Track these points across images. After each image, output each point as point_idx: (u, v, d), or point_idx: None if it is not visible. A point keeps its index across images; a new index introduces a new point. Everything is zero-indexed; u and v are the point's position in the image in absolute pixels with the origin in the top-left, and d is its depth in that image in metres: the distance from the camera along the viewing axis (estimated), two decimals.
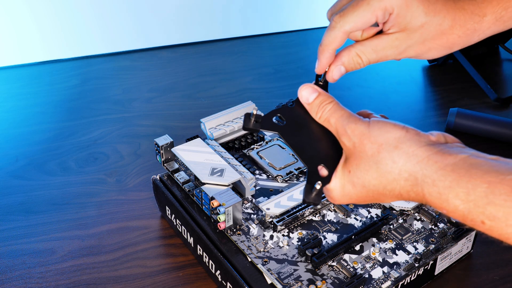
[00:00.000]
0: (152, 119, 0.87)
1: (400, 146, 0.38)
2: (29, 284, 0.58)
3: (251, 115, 0.43)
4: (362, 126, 0.40)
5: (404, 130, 0.38)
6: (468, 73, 0.98)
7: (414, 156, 0.37)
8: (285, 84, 0.98)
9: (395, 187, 0.38)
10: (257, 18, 1.17)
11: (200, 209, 0.59)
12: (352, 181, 0.40)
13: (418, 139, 0.38)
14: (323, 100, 0.42)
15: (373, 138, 0.39)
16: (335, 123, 0.41)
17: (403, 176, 0.37)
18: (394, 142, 0.38)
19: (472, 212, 0.34)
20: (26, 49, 1.02)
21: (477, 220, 0.34)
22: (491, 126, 0.82)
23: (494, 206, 0.33)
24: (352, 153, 0.40)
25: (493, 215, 0.33)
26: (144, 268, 0.60)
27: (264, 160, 0.65)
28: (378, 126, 0.39)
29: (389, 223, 0.58)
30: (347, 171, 0.40)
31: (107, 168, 0.76)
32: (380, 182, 0.39)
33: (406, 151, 0.37)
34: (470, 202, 0.34)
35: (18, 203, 0.69)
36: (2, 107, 0.89)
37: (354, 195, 0.41)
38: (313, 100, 0.43)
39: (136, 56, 1.06)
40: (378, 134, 0.39)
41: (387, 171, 0.38)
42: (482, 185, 0.33)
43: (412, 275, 0.53)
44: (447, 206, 0.35)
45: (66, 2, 1.01)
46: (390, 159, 0.38)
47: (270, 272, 0.52)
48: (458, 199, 0.34)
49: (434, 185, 0.36)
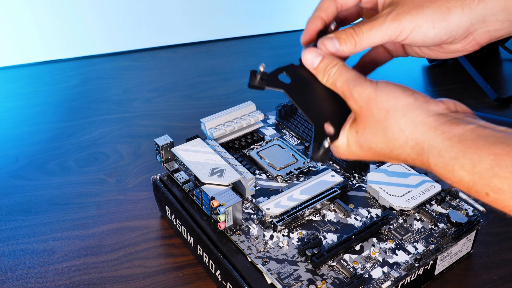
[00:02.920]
0: (152, 119, 0.87)
1: (408, 114, 0.37)
2: (29, 284, 0.58)
3: (257, 72, 0.43)
4: (369, 89, 0.39)
5: (413, 98, 0.38)
6: (468, 73, 0.98)
7: (422, 125, 0.37)
8: None
9: (401, 153, 0.38)
10: (257, 18, 1.17)
11: (200, 209, 0.59)
12: (359, 142, 0.40)
13: (427, 108, 0.37)
14: (327, 63, 0.42)
15: (380, 103, 0.38)
16: (341, 87, 0.41)
17: (410, 144, 0.37)
18: (402, 110, 0.38)
19: (477, 183, 0.34)
20: (26, 49, 1.02)
21: (481, 191, 0.34)
22: None
23: (500, 178, 0.33)
24: (359, 116, 0.40)
25: (498, 187, 0.33)
26: (144, 268, 0.60)
27: (264, 160, 0.65)
28: (386, 90, 0.39)
29: (389, 223, 0.58)
30: (355, 131, 0.40)
31: (107, 168, 0.76)
32: (386, 146, 0.39)
33: (413, 119, 0.37)
34: (476, 173, 0.34)
35: (18, 203, 0.69)
36: (2, 107, 0.89)
37: (361, 154, 0.41)
38: (318, 64, 0.42)
39: (136, 56, 1.06)
40: (385, 99, 0.38)
41: (394, 137, 0.38)
42: (488, 157, 0.33)
43: (412, 275, 0.53)
44: (452, 177, 0.35)
45: (66, 2, 1.01)
46: (397, 126, 0.38)
47: (270, 272, 0.52)
48: (464, 171, 0.34)
49: (440, 156, 0.36)
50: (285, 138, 0.70)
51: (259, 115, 0.68)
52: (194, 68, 1.03)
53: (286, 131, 0.72)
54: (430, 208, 0.60)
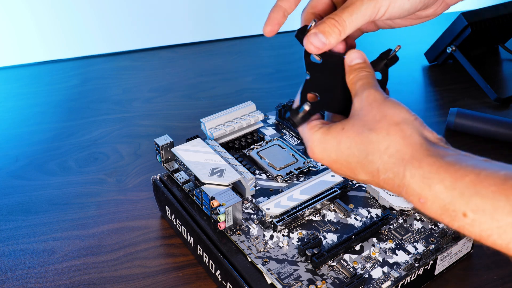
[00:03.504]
0: (152, 119, 0.87)
1: (401, 125, 0.37)
2: (29, 284, 0.58)
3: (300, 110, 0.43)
4: (379, 95, 0.40)
5: (414, 117, 0.38)
6: (468, 73, 0.98)
7: (409, 138, 0.36)
8: (285, 84, 0.98)
9: (376, 159, 0.37)
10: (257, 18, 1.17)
11: (200, 209, 0.59)
12: (340, 139, 0.40)
13: (422, 130, 0.37)
14: (363, 66, 0.42)
15: (382, 107, 0.39)
16: (359, 86, 0.41)
17: (390, 151, 0.37)
18: (398, 119, 0.38)
19: (454, 202, 0.32)
20: (26, 49, 1.02)
21: (458, 211, 0.32)
22: (491, 126, 0.82)
23: (481, 197, 0.31)
24: (355, 114, 0.40)
25: (478, 207, 0.31)
26: (144, 268, 0.60)
27: (264, 160, 0.65)
28: (394, 102, 0.39)
29: (389, 223, 0.58)
30: (341, 128, 0.40)
31: (107, 168, 0.76)
32: (365, 148, 0.38)
33: (404, 130, 0.37)
34: (455, 190, 0.32)
35: (18, 203, 0.69)
36: (2, 107, 0.89)
37: (335, 154, 0.40)
38: (355, 64, 0.43)
39: (136, 56, 1.06)
40: (389, 107, 0.39)
41: (377, 140, 0.37)
42: (471, 175, 0.32)
43: (412, 275, 0.53)
44: (427, 193, 0.34)
45: (66, 2, 1.01)
46: (386, 130, 0.37)
47: (270, 272, 0.52)
48: (442, 185, 0.33)
49: (420, 167, 0.35)
50: (285, 138, 0.70)
51: (259, 115, 0.68)
52: (194, 68, 1.03)
53: (286, 131, 0.72)
54: None
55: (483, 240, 0.32)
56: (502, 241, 0.31)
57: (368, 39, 0.48)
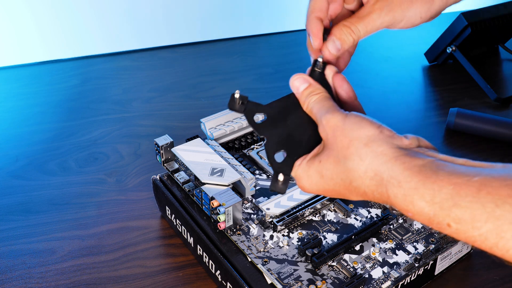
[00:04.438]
0: (152, 119, 0.87)
1: (370, 144, 0.37)
2: (29, 284, 0.58)
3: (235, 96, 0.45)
4: (337, 118, 0.40)
5: (379, 130, 0.38)
6: (468, 73, 0.98)
7: (382, 155, 0.36)
8: (285, 84, 0.97)
9: (360, 185, 0.38)
10: (257, 18, 1.17)
11: (200, 209, 0.59)
12: (321, 172, 0.40)
13: (390, 141, 0.37)
14: (312, 90, 0.44)
15: (345, 131, 0.39)
16: (316, 113, 0.42)
17: (369, 175, 0.37)
18: (365, 140, 0.37)
19: (437, 214, 0.33)
20: (26, 49, 1.02)
21: (443, 223, 0.33)
22: (491, 126, 0.82)
23: (460, 208, 0.32)
24: (325, 144, 0.41)
25: (458, 217, 0.32)
26: (144, 268, 0.60)
27: (264, 160, 0.65)
28: (354, 120, 0.39)
29: (389, 223, 0.58)
30: (318, 161, 0.40)
31: (107, 168, 0.76)
32: (347, 177, 0.38)
33: (374, 149, 0.37)
34: (436, 204, 0.33)
35: (18, 203, 0.69)
36: (2, 107, 0.89)
37: (321, 186, 0.41)
38: (303, 90, 0.44)
39: (136, 56, 1.06)
40: (351, 128, 0.39)
41: (353, 168, 0.38)
42: (447, 187, 0.33)
43: (412, 275, 0.53)
44: (412, 209, 0.35)
45: (66, 2, 1.01)
46: (358, 156, 0.37)
47: (270, 272, 0.52)
48: (424, 201, 0.34)
49: (399, 186, 0.35)
50: None
51: (259, 115, 0.67)
52: (194, 68, 1.03)
53: None
54: None
55: (471, 244, 0.33)
56: (486, 245, 0.32)
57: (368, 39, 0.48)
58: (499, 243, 0.31)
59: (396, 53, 1.08)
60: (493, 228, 0.31)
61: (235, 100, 0.45)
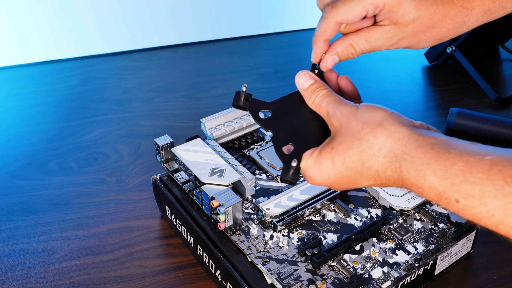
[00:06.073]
0: (152, 119, 0.87)
1: (383, 124, 0.39)
2: (29, 284, 0.58)
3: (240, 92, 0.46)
4: (351, 107, 0.42)
5: (389, 112, 0.40)
6: (468, 73, 0.98)
7: (396, 133, 0.38)
8: (285, 84, 0.98)
9: (373, 164, 0.39)
10: (257, 18, 1.17)
11: (200, 209, 0.59)
12: (333, 158, 0.41)
13: (402, 120, 0.39)
14: (318, 86, 0.45)
15: (359, 116, 0.40)
16: (326, 106, 0.43)
17: (383, 152, 0.38)
18: (378, 120, 0.39)
19: (447, 190, 0.34)
20: (26, 49, 1.02)
21: (451, 198, 0.34)
22: (491, 126, 0.82)
23: (470, 184, 0.33)
24: (338, 131, 0.41)
25: (467, 193, 0.33)
26: (144, 268, 0.60)
27: (264, 160, 0.65)
28: (366, 107, 0.41)
29: (389, 223, 0.58)
30: (330, 148, 0.41)
31: (107, 168, 0.76)
32: (359, 158, 0.39)
33: (388, 128, 0.38)
34: (447, 179, 0.34)
35: (18, 203, 0.69)
36: (2, 107, 0.89)
37: (333, 174, 0.41)
38: (309, 86, 0.45)
39: (136, 56, 1.06)
40: (364, 113, 0.40)
41: (368, 146, 0.39)
42: (459, 163, 0.34)
43: (412, 275, 0.53)
44: (423, 184, 0.36)
45: (66, 2, 1.01)
46: (372, 134, 0.39)
47: (270, 272, 0.52)
48: (435, 176, 0.35)
49: (412, 162, 0.36)
50: None
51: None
52: (194, 68, 1.03)
53: None
54: (430, 208, 0.60)
55: (476, 222, 0.34)
56: (492, 223, 0.33)
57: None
58: (505, 220, 0.32)
59: (396, 53, 1.07)
60: (500, 205, 0.32)
61: (240, 97, 0.46)
